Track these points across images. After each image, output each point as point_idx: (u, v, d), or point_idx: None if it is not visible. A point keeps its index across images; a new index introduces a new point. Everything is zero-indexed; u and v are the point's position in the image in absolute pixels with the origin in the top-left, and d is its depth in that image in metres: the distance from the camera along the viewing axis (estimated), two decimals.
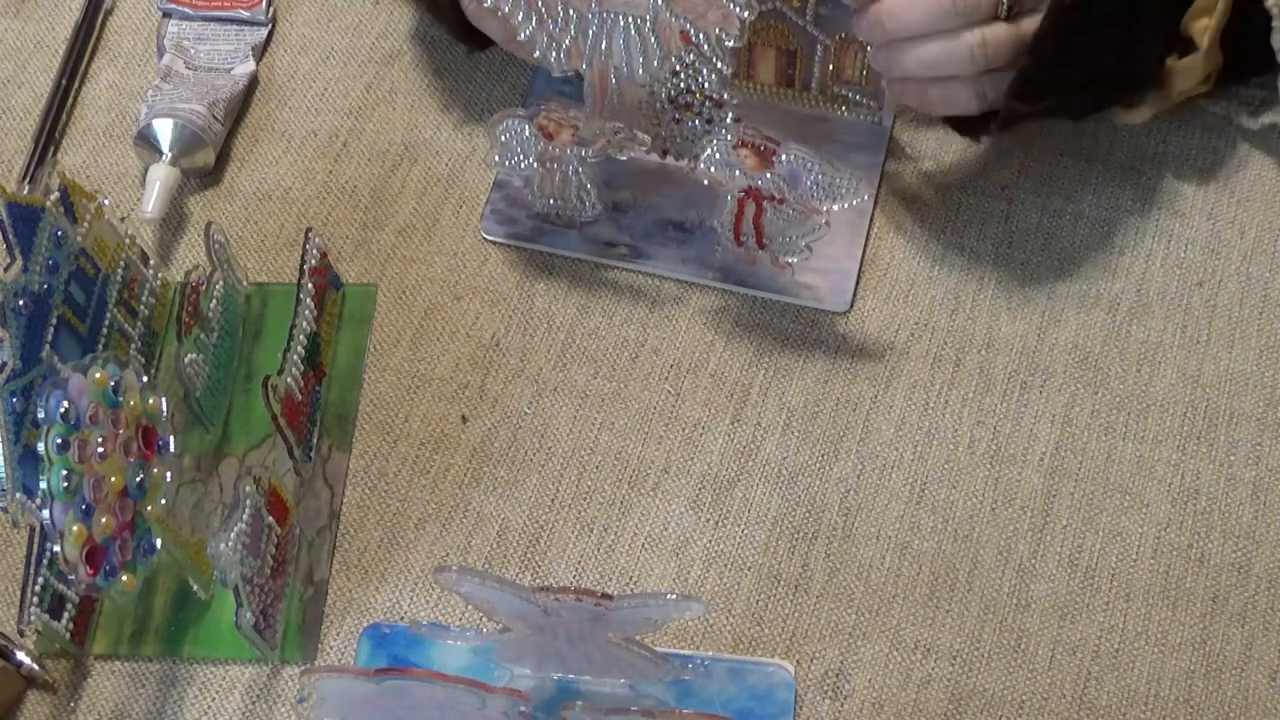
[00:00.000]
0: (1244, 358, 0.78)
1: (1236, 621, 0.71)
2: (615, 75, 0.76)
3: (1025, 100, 0.72)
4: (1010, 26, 0.70)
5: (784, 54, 0.82)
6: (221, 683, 0.71)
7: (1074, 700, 0.69)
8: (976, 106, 0.74)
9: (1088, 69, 0.73)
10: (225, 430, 0.76)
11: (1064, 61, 0.71)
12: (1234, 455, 0.75)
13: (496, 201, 0.83)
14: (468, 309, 0.81)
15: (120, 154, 0.87)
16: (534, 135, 0.77)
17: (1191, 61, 0.76)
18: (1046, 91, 0.72)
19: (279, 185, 0.85)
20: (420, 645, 0.70)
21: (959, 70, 0.71)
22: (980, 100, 0.73)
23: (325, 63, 0.90)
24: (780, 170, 0.74)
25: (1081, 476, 0.74)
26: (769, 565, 0.73)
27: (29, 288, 0.66)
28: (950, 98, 0.74)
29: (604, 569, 0.73)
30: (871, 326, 0.79)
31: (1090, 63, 0.72)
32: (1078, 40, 0.71)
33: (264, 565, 0.68)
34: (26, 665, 0.70)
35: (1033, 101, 0.72)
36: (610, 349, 0.79)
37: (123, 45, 0.91)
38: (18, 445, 0.63)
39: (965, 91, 0.73)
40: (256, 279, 0.81)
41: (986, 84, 0.72)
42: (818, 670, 0.70)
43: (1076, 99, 0.75)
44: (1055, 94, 0.73)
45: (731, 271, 0.80)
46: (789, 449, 0.76)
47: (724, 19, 0.71)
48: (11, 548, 0.74)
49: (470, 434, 0.77)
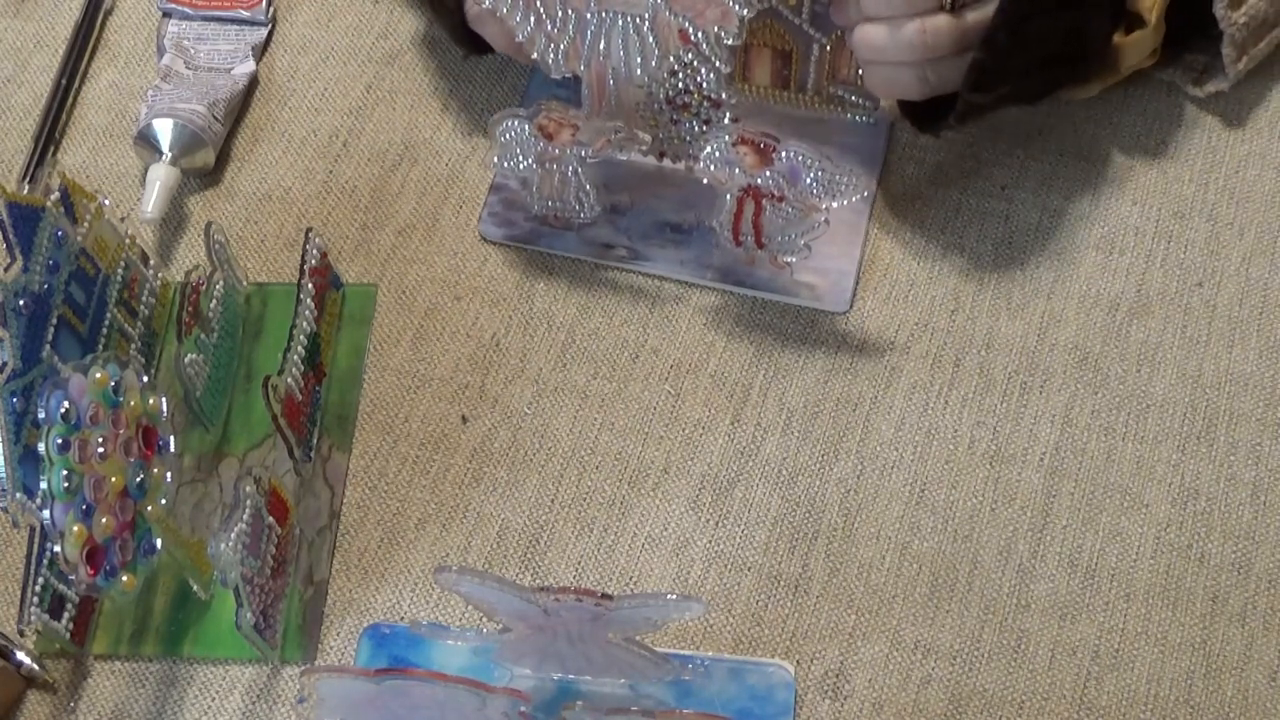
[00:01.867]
0: (1244, 358, 0.78)
1: (1236, 621, 0.71)
2: (613, 76, 0.76)
3: (981, 90, 0.74)
4: (951, 17, 0.72)
5: (780, 55, 0.82)
6: (221, 683, 0.71)
7: (1074, 700, 0.69)
8: (917, 91, 0.75)
9: (1039, 54, 0.74)
10: (225, 430, 0.76)
11: (1016, 49, 0.72)
12: (1234, 455, 0.75)
13: (494, 204, 0.83)
14: (468, 309, 0.81)
15: (120, 154, 0.87)
16: (534, 136, 0.77)
17: (1140, 37, 0.78)
18: (1000, 80, 0.74)
19: (279, 185, 0.85)
20: (420, 645, 0.70)
21: (903, 56, 0.73)
22: (923, 85, 0.75)
23: (325, 63, 0.90)
24: (780, 167, 0.74)
25: (1081, 476, 0.74)
26: (769, 565, 0.73)
27: (29, 288, 0.66)
28: (892, 81, 0.76)
29: (604, 569, 0.73)
30: (871, 326, 0.79)
31: (1042, 48, 0.74)
32: (1030, 28, 0.72)
33: (264, 565, 0.68)
34: (26, 665, 0.70)
35: (988, 91, 0.74)
36: (610, 349, 0.79)
37: (123, 45, 0.91)
38: (18, 445, 0.63)
39: (908, 75, 0.74)
40: (256, 279, 0.81)
41: (929, 70, 0.74)
42: (818, 670, 0.70)
43: (1029, 84, 0.77)
44: (1009, 82, 0.74)
45: (730, 272, 0.80)
46: (789, 449, 0.76)
47: (723, 16, 0.71)
48: (11, 548, 0.74)
49: (470, 434, 0.77)
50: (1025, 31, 0.72)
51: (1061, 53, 0.76)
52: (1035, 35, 0.73)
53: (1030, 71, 0.75)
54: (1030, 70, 0.75)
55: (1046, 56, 0.75)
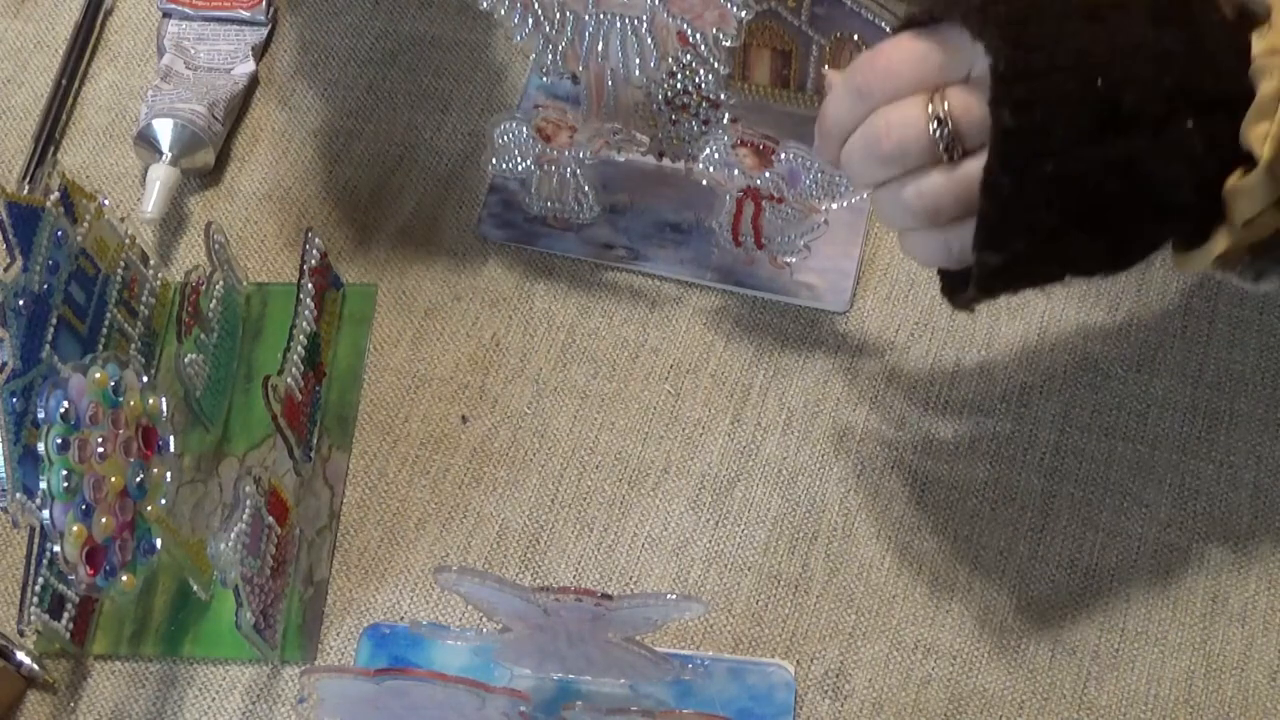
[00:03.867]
0: (1244, 358, 0.78)
1: (1236, 621, 0.71)
2: (612, 77, 0.76)
3: (993, 249, 0.60)
4: (948, 173, 0.60)
5: (779, 55, 0.82)
6: (221, 683, 0.71)
7: (1074, 700, 0.69)
8: (944, 260, 0.63)
9: (1075, 202, 0.58)
10: (225, 430, 0.76)
11: (1029, 199, 0.58)
12: (1234, 455, 0.75)
13: (493, 205, 0.83)
14: (468, 309, 0.81)
15: (120, 154, 0.87)
16: (532, 137, 0.77)
17: (1251, 180, 0.58)
18: (1014, 236, 0.59)
19: (279, 185, 0.85)
20: (420, 645, 0.70)
21: (909, 223, 0.63)
22: (945, 253, 0.63)
23: (325, 63, 0.90)
24: (779, 169, 0.74)
25: (1081, 477, 0.74)
26: (769, 565, 0.73)
27: (29, 288, 0.66)
28: (916, 247, 0.64)
29: (604, 569, 0.73)
30: (871, 326, 0.79)
31: (1077, 193, 0.58)
32: (1044, 168, 0.57)
33: (264, 565, 0.68)
34: (26, 665, 0.70)
35: (999, 249, 0.60)
36: (610, 349, 0.79)
37: (123, 45, 0.91)
38: (18, 445, 0.63)
39: (930, 242, 0.63)
40: (256, 279, 0.82)
41: (950, 236, 0.62)
42: (818, 670, 0.70)
43: (1074, 246, 0.60)
44: (1026, 239, 0.59)
45: (730, 272, 0.80)
46: (789, 449, 0.76)
47: (721, 19, 0.71)
48: (11, 548, 0.74)
49: (470, 434, 0.77)
50: (1038, 172, 0.57)
51: (1114, 202, 0.59)
52: (1061, 176, 0.57)
53: (1066, 225, 0.59)
54: (1065, 223, 0.59)
55: (1088, 207, 0.59)
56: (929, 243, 0.63)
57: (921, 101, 0.60)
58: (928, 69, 0.61)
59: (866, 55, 0.63)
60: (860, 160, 0.63)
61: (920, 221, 0.62)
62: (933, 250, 0.63)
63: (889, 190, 0.62)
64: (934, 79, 0.60)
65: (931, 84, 0.60)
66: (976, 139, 0.59)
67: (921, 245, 0.64)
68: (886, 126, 0.61)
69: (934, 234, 0.62)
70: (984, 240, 0.59)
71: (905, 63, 0.61)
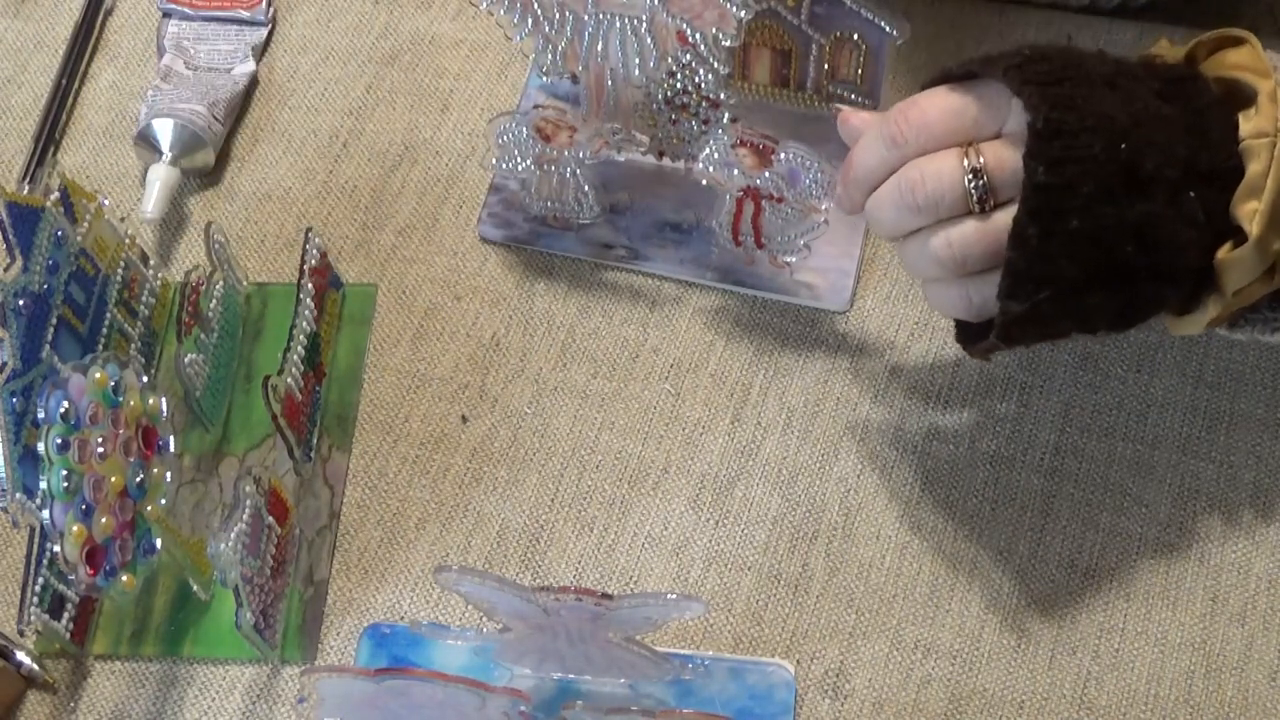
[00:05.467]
0: (1244, 358, 0.78)
1: (1236, 621, 0.71)
2: (611, 77, 0.76)
3: (1017, 299, 0.62)
4: (979, 224, 0.62)
5: (779, 54, 0.82)
6: (221, 683, 0.71)
7: (1074, 700, 0.69)
8: (964, 311, 0.66)
9: (1094, 259, 0.61)
10: (225, 430, 0.76)
11: (1053, 251, 0.60)
12: (1234, 455, 0.75)
13: (494, 205, 0.83)
14: (468, 309, 0.81)
15: (120, 154, 0.87)
16: (531, 137, 0.77)
17: (1242, 253, 0.62)
18: (1038, 286, 0.61)
19: (279, 185, 0.85)
20: (420, 645, 0.70)
21: (934, 273, 0.65)
22: (966, 304, 0.65)
23: (325, 63, 0.90)
24: (779, 169, 0.74)
25: (1081, 477, 0.74)
26: (769, 565, 0.73)
27: (29, 288, 0.66)
28: (938, 297, 0.67)
29: (604, 569, 0.73)
30: (871, 326, 0.79)
31: (1095, 250, 0.61)
32: (1069, 224, 0.60)
33: (264, 565, 0.68)
34: (26, 665, 0.70)
35: (1023, 298, 0.62)
36: (610, 349, 0.79)
37: (123, 45, 0.91)
38: (18, 445, 0.63)
39: (951, 293, 0.65)
40: (256, 279, 0.82)
41: (971, 288, 0.64)
42: (818, 670, 0.70)
43: (1090, 301, 0.63)
44: (1049, 289, 0.62)
45: (730, 272, 0.80)
46: (789, 449, 0.76)
47: (720, 18, 0.71)
48: (11, 548, 0.74)
49: (470, 434, 0.77)
50: (1064, 226, 0.60)
51: (1129, 261, 0.61)
52: (1083, 232, 0.60)
53: (1083, 281, 0.62)
54: (1082, 280, 0.62)
55: (1106, 264, 0.61)
56: (951, 293, 0.65)
57: (957, 155, 0.63)
58: (963, 123, 0.63)
59: (901, 106, 0.65)
60: (891, 208, 0.65)
61: (946, 271, 0.64)
62: (954, 301, 0.65)
63: (917, 240, 0.64)
64: (968, 133, 0.63)
65: (965, 137, 0.63)
66: (1007, 192, 0.62)
67: (944, 295, 0.66)
68: (921, 177, 0.63)
69: (957, 285, 0.65)
70: (1009, 289, 0.62)
71: (942, 116, 0.64)
